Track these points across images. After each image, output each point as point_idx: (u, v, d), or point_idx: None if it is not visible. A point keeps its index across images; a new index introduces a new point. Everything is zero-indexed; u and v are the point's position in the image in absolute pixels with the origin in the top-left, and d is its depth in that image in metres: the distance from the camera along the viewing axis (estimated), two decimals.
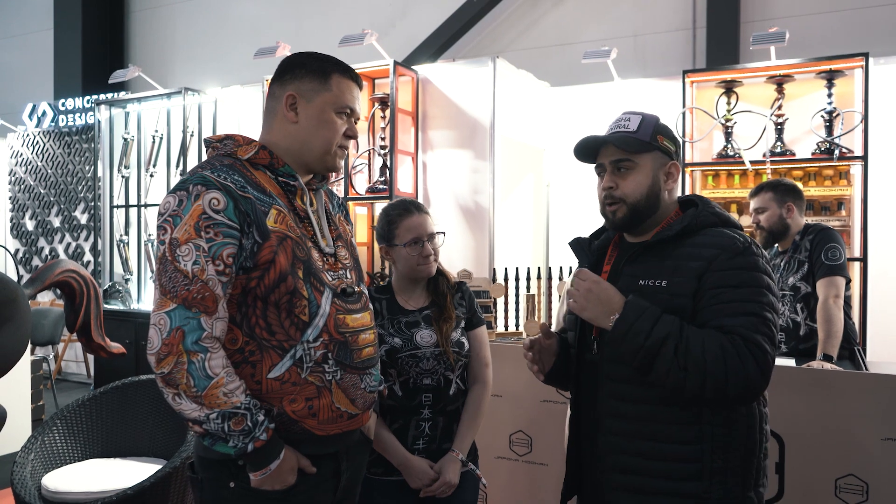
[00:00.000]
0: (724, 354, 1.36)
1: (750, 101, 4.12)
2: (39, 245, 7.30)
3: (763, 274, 1.44)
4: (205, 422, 1.36)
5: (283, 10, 7.32)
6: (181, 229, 1.38)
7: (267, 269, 1.42)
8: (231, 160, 1.49)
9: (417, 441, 1.97)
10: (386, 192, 4.21)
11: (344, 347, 1.50)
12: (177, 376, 1.35)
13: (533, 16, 6.24)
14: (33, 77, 8.80)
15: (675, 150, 1.57)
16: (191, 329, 1.35)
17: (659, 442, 1.46)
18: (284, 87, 1.54)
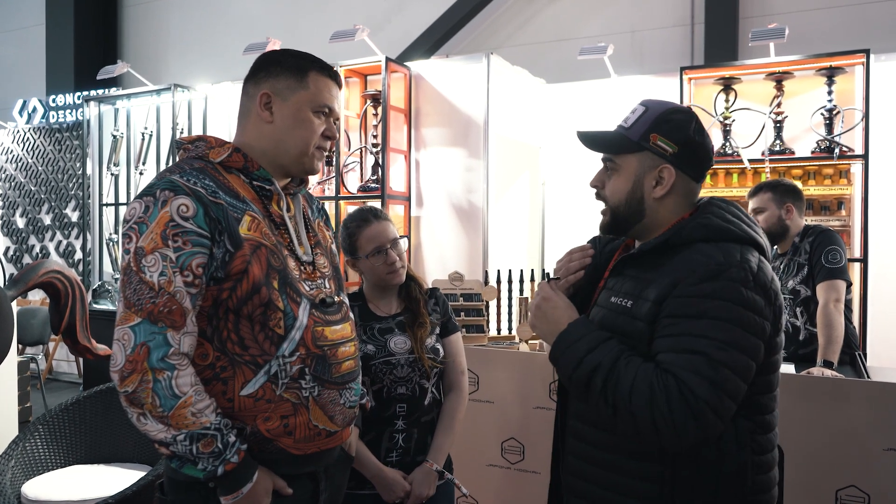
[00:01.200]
0: (651, 397, 1.20)
1: (749, 99, 4.06)
2: (30, 243, 7.22)
3: (737, 305, 1.22)
4: (172, 443, 1.28)
5: (278, 5, 7.25)
6: (147, 237, 1.29)
7: (239, 280, 1.34)
8: (202, 163, 1.41)
9: (391, 453, 1.92)
10: (378, 190, 4.14)
11: (322, 361, 1.42)
12: (141, 395, 1.26)
13: (529, 11, 6.17)
14: (25, 73, 8.71)
15: (673, 152, 1.34)
16: (156, 345, 1.27)
17: (614, 473, 1.34)
18: (259, 86, 1.46)
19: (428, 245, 4.23)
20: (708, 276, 1.24)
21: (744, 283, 1.24)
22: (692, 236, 1.31)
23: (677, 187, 1.37)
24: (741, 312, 1.22)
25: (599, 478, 1.37)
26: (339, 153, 4.25)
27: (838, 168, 3.87)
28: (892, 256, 3.80)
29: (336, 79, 1.50)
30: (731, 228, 1.32)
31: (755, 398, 1.30)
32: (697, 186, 1.41)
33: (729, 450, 1.27)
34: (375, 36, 4.55)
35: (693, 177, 1.38)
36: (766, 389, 1.32)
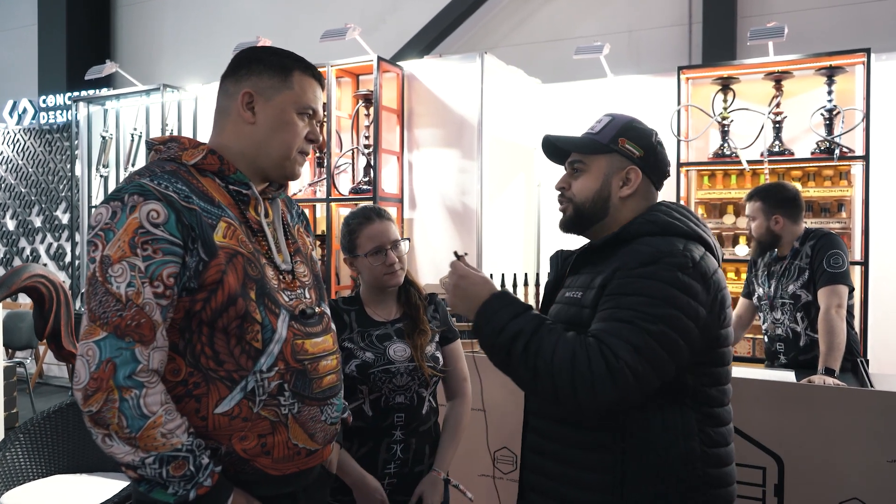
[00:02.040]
0: (573, 357, 1.25)
1: (747, 99, 3.99)
2: (21, 245, 7.15)
3: (671, 286, 1.27)
4: (140, 466, 1.19)
5: (272, 5, 7.19)
6: (114, 245, 1.20)
7: (214, 291, 1.26)
8: (174, 165, 1.32)
9: (388, 465, 1.85)
10: (370, 192, 4.07)
11: (302, 377, 1.34)
12: (107, 415, 1.17)
13: (525, 11, 6.11)
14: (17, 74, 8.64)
15: (640, 155, 1.44)
16: (123, 361, 1.18)
17: (567, 466, 1.38)
18: (240, 84, 1.37)
19: (421, 248, 4.16)
20: (648, 261, 1.32)
21: (681, 268, 1.30)
22: (640, 231, 1.38)
23: (641, 190, 1.45)
24: (674, 293, 1.27)
25: (555, 472, 1.39)
26: (331, 154, 4.18)
27: (838, 169, 3.81)
28: (894, 259, 3.74)
29: (320, 80, 1.43)
30: (678, 224, 1.39)
31: (702, 389, 1.34)
32: (656, 195, 1.50)
33: (675, 438, 1.31)
34: (369, 36, 4.48)
35: (654, 182, 1.48)
36: (714, 382, 1.36)
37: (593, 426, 1.35)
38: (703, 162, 4.08)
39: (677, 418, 1.32)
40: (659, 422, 1.32)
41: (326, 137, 4.17)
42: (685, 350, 1.27)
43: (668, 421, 1.32)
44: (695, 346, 1.29)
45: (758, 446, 2.28)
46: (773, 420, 2.27)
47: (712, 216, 4.12)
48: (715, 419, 1.36)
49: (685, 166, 4.06)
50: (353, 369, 1.81)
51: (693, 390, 1.33)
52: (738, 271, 4.06)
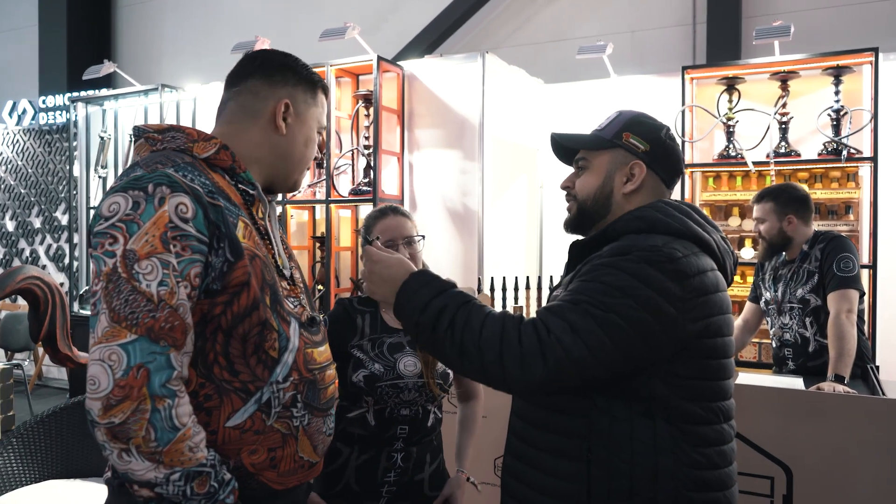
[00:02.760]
0: (502, 331, 1.18)
1: (753, 99, 3.94)
2: (20, 246, 7.12)
3: (632, 277, 1.19)
4: (162, 484, 1.08)
5: (271, 5, 7.15)
6: (140, 240, 1.09)
7: (238, 294, 1.17)
8: (189, 157, 1.22)
9: (388, 473, 1.80)
10: (370, 193, 4.02)
11: (313, 387, 1.27)
12: (132, 427, 1.05)
13: (527, 12, 6.06)
14: (18, 74, 8.62)
15: (645, 149, 1.37)
16: (158, 367, 1.07)
17: (539, 471, 1.32)
18: (275, 90, 1.31)
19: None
20: (617, 252, 1.25)
21: (651, 262, 1.21)
22: (627, 227, 1.32)
23: (647, 186, 1.38)
24: (634, 284, 1.19)
25: (527, 476, 1.34)
26: (330, 155, 4.13)
27: (846, 171, 3.76)
28: None
29: (328, 96, 1.43)
30: (669, 222, 1.30)
31: (676, 402, 1.24)
32: (667, 192, 1.42)
33: (644, 451, 1.23)
34: (370, 36, 4.43)
35: (663, 179, 1.40)
36: (694, 396, 1.25)
37: (562, 431, 1.29)
38: (708, 163, 4.03)
39: (648, 431, 1.23)
40: (625, 432, 1.24)
41: (326, 138, 4.12)
42: (638, 344, 1.18)
43: (637, 432, 1.23)
44: (654, 344, 1.19)
45: (765, 455, 2.22)
46: (780, 428, 2.21)
47: (717, 218, 4.07)
48: (698, 438, 1.25)
49: (690, 168, 4.00)
50: (360, 379, 1.77)
51: (665, 402, 1.23)
52: (743, 274, 4.00)
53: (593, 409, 1.25)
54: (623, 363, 1.20)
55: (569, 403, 1.28)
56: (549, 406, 1.31)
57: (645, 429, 1.23)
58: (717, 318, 1.27)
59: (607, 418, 1.25)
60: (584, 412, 1.26)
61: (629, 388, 1.24)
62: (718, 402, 1.28)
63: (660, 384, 1.23)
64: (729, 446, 1.31)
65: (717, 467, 1.27)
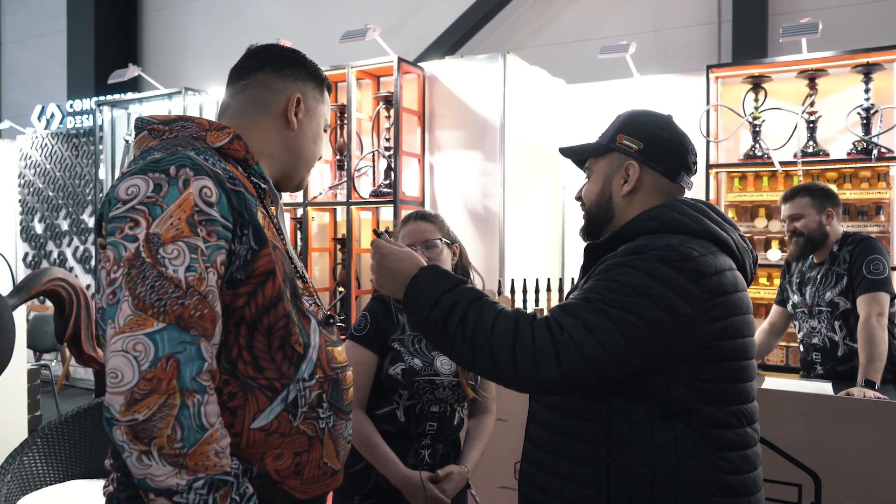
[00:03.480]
0: (515, 329, 1.16)
1: (779, 98, 3.86)
2: (48, 249, 7.23)
3: (647, 276, 1.17)
4: (184, 492, 0.98)
5: (293, 8, 7.20)
6: (164, 223, 1.02)
7: (262, 284, 1.11)
8: (204, 145, 1.17)
9: (416, 470, 1.81)
10: (391, 195, 4.01)
11: (336, 386, 1.22)
12: (158, 425, 0.96)
13: (549, 12, 6.03)
14: (47, 79, 8.77)
15: (638, 148, 1.35)
16: (188, 358, 0.99)
17: (556, 477, 1.29)
18: (286, 84, 1.28)
19: None
20: (632, 251, 1.23)
21: (667, 261, 1.18)
22: (641, 228, 1.29)
23: (645, 184, 1.36)
24: (649, 283, 1.16)
25: (544, 482, 1.31)
26: (351, 157, 4.13)
27: (876, 170, 3.67)
28: None
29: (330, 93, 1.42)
30: (684, 221, 1.27)
31: (697, 406, 1.20)
32: (674, 186, 1.38)
33: (665, 456, 1.19)
34: (392, 38, 4.43)
35: (664, 173, 1.36)
36: (714, 399, 1.22)
37: (579, 436, 1.26)
38: (734, 163, 3.96)
39: (667, 435, 1.20)
40: (645, 435, 1.20)
41: (346, 140, 4.13)
42: (654, 344, 1.15)
43: (657, 437, 1.20)
44: (669, 344, 1.17)
45: (793, 462, 2.17)
46: (809, 435, 2.16)
47: (743, 219, 3.99)
48: (720, 442, 1.22)
49: (715, 168, 3.93)
50: (398, 372, 1.79)
51: (686, 406, 1.20)
52: (770, 276, 3.93)
53: (611, 412, 1.23)
54: (638, 363, 1.17)
55: (586, 407, 1.25)
56: (566, 410, 1.29)
57: (665, 432, 1.20)
58: (737, 318, 1.24)
59: (626, 422, 1.22)
60: (602, 416, 1.23)
61: (647, 390, 1.21)
62: (740, 405, 1.25)
63: (679, 387, 1.20)
64: (753, 450, 1.27)
65: (740, 472, 1.23)
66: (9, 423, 4.27)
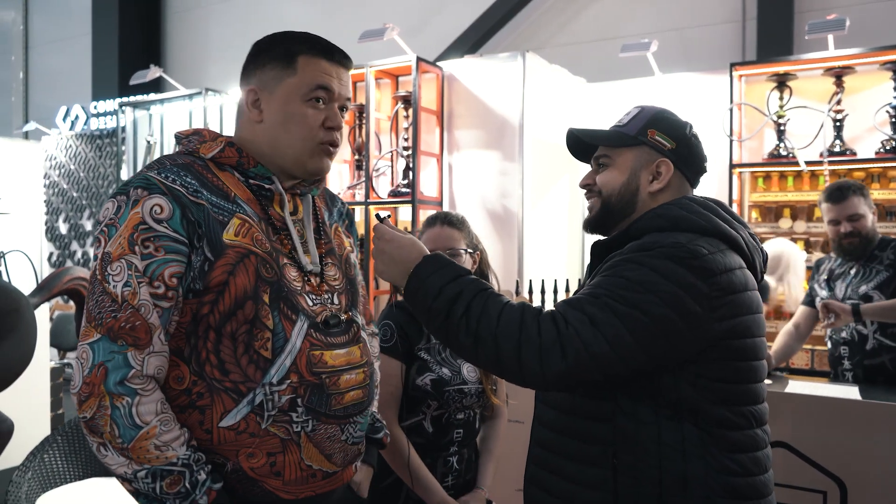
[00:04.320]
0: (521, 321, 1.15)
1: (805, 96, 3.79)
2: (72, 249, 7.32)
3: (654, 272, 1.15)
4: (133, 480, 1.11)
5: (315, 9, 7.23)
6: (115, 242, 1.14)
7: (221, 293, 1.17)
8: (189, 159, 1.25)
9: (446, 478, 1.83)
10: (409, 195, 3.99)
11: (319, 391, 1.22)
12: (99, 423, 1.10)
13: (570, 11, 5.98)
14: (73, 81, 8.89)
15: (671, 147, 1.33)
16: (115, 366, 1.10)
17: (562, 479, 1.28)
18: (248, 81, 1.30)
19: None
20: (639, 248, 1.21)
21: (675, 258, 1.16)
22: (649, 226, 1.27)
23: (672, 185, 1.34)
24: (656, 279, 1.15)
25: (551, 485, 1.30)
26: (370, 157, 4.12)
27: None
28: None
29: (335, 58, 1.29)
30: (692, 218, 1.25)
31: (705, 406, 1.19)
32: (691, 192, 1.37)
33: (672, 456, 1.18)
34: (411, 38, 4.42)
35: (688, 178, 1.36)
36: (723, 400, 1.20)
37: (586, 437, 1.24)
38: (758, 163, 3.89)
39: (675, 435, 1.18)
40: (652, 436, 1.19)
41: (365, 139, 4.12)
42: (661, 341, 1.14)
43: (664, 437, 1.18)
44: (677, 342, 1.15)
45: (817, 468, 2.12)
46: (834, 440, 2.11)
47: (767, 220, 3.92)
48: (728, 443, 1.20)
49: (738, 167, 3.87)
50: (426, 383, 1.77)
51: (693, 405, 1.18)
52: None
53: (618, 412, 1.21)
54: (644, 360, 1.15)
55: (592, 407, 1.24)
56: (572, 410, 1.27)
57: (672, 432, 1.19)
58: (746, 317, 1.21)
59: (633, 423, 1.20)
60: (608, 416, 1.21)
61: (654, 389, 1.19)
62: (749, 405, 1.22)
63: (687, 387, 1.18)
64: (763, 452, 1.24)
65: (750, 474, 1.21)
66: (32, 421, 4.32)
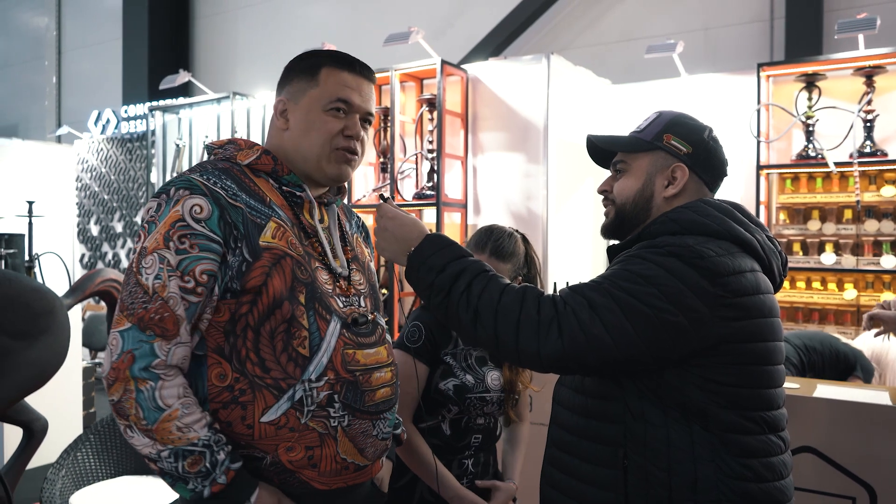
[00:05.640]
0: (522, 301, 1.18)
1: (834, 97, 3.73)
2: (103, 250, 7.45)
3: (659, 267, 1.16)
4: (157, 459, 1.18)
5: (340, 12, 7.28)
6: (152, 237, 1.21)
7: (259, 294, 1.23)
8: (228, 164, 1.33)
9: (461, 480, 1.82)
10: (433, 197, 4.01)
11: (353, 388, 1.29)
12: (125, 405, 1.17)
13: (594, 12, 5.96)
14: (104, 85, 9.06)
15: (687, 152, 1.33)
16: (142, 354, 1.17)
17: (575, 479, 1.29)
18: (279, 93, 1.40)
19: None
20: (648, 246, 1.23)
21: (682, 257, 1.17)
22: (661, 229, 1.27)
23: (689, 190, 1.34)
24: (660, 273, 1.16)
25: (565, 485, 1.31)
26: (394, 159, 4.15)
27: None
28: None
29: (355, 70, 1.37)
30: (705, 222, 1.24)
31: (714, 410, 1.18)
32: (710, 196, 1.36)
33: (679, 459, 1.18)
34: (436, 41, 4.44)
35: (706, 182, 1.35)
36: (732, 404, 1.19)
37: (598, 438, 1.25)
38: (786, 164, 3.84)
39: (684, 437, 1.18)
40: (662, 438, 1.19)
41: (390, 142, 4.15)
42: (661, 334, 1.14)
43: (673, 439, 1.19)
44: (676, 336, 1.15)
45: (847, 474, 2.09)
46: (863, 445, 2.08)
47: (795, 222, 3.87)
48: (739, 448, 1.19)
49: (766, 169, 3.82)
50: (449, 388, 1.77)
51: (702, 409, 1.18)
52: (824, 281, 3.80)
53: (628, 414, 1.22)
54: (642, 350, 1.15)
55: (604, 409, 1.25)
56: (586, 412, 1.28)
57: (682, 436, 1.19)
58: (758, 321, 1.20)
59: (642, 424, 1.20)
60: (619, 418, 1.23)
61: (661, 391, 1.19)
62: (762, 411, 1.21)
63: (694, 389, 1.18)
64: (779, 458, 1.22)
65: (763, 480, 1.19)
66: (65, 420, 4.41)
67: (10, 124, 10.47)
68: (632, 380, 1.21)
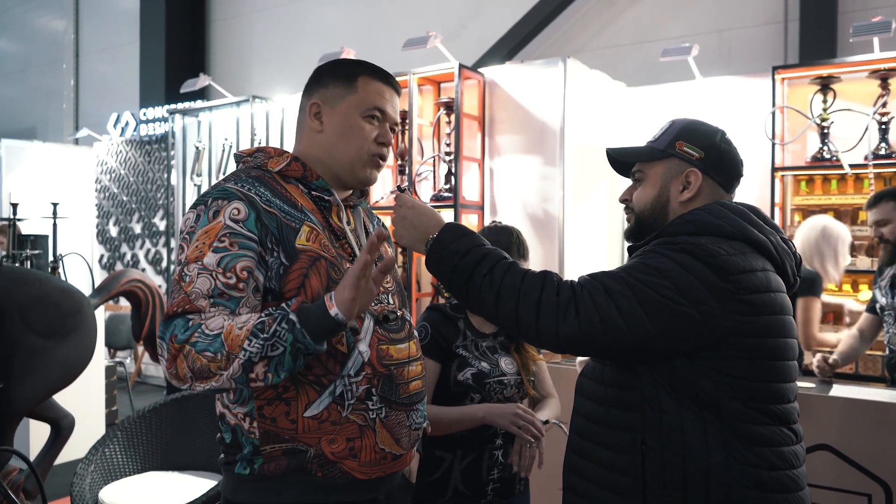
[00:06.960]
0: (543, 284, 1.26)
1: (849, 99, 3.76)
2: (122, 251, 7.55)
3: (671, 260, 1.24)
4: (251, 359, 1.17)
5: (355, 16, 7.33)
6: (193, 247, 1.27)
7: (298, 295, 1.28)
8: (260, 172, 1.39)
9: (492, 471, 1.88)
10: (451, 200, 4.07)
11: (389, 381, 1.35)
12: (196, 365, 1.17)
13: (608, 15, 5.98)
14: (122, 88, 9.14)
15: (699, 157, 1.38)
16: (181, 328, 1.20)
17: (595, 464, 1.35)
18: (310, 97, 1.45)
19: None
20: (664, 243, 1.29)
21: (694, 254, 1.24)
22: (677, 231, 1.32)
23: (704, 193, 1.39)
24: (672, 266, 1.23)
25: (586, 471, 1.36)
26: (412, 162, 4.21)
27: None
28: None
29: (389, 82, 1.45)
30: (719, 223, 1.30)
31: (725, 401, 1.24)
32: (727, 197, 1.42)
33: (692, 446, 1.24)
34: (451, 44, 4.49)
35: (721, 184, 1.40)
36: (742, 396, 1.24)
37: (617, 425, 1.31)
38: (801, 166, 3.87)
39: (697, 425, 1.24)
40: (675, 425, 1.25)
41: (408, 145, 4.20)
42: (671, 322, 1.21)
43: (686, 427, 1.25)
44: (686, 326, 1.21)
45: (862, 471, 2.12)
46: (879, 443, 2.11)
47: None
48: (750, 437, 1.24)
49: (781, 171, 3.85)
50: (468, 377, 1.84)
51: (712, 400, 1.24)
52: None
53: (644, 402, 1.28)
54: (654, 336, 1.22)
55: (622, 397, 1.31)
56: (605, 401, 1.35)
57: (695, 424, 1.25)
58: (769, 317, 1.26)
59: (658, 412, 1.26)
60: (637, 406, 1.29)
61: (674, 381, 1.25)
62: (773, 404, 1.26)
63: (705, 381, 1.24)
64: (790, 449, 1.27)
65: (775, 468, 1.25)
66: (90, 416, 4.49)
67: (28, 127, 10.60)
68: (647, 369, 1.28)
